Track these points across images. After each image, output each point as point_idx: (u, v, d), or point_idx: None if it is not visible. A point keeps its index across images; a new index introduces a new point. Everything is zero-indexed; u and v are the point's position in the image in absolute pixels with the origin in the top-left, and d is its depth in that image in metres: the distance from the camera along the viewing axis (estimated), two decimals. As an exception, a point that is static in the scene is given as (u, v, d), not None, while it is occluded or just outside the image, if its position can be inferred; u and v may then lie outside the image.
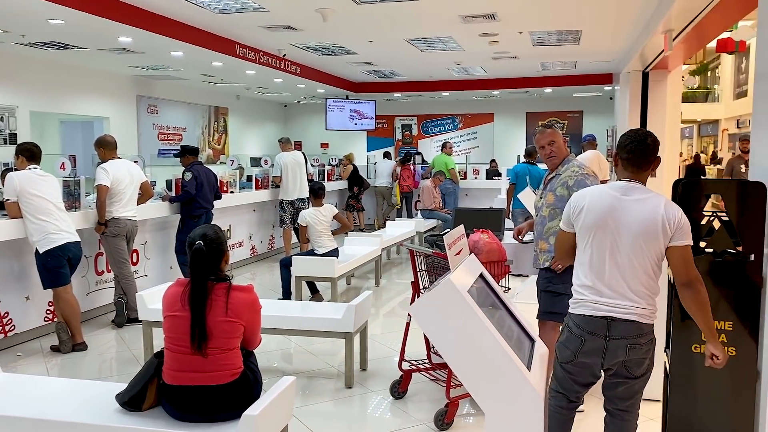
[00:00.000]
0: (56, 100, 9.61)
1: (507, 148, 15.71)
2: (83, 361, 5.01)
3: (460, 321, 1.83)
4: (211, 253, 2.71)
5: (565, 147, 3.87)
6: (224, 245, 2.81)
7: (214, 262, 2.72)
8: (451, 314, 1.84)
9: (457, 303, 1.82)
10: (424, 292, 4.18)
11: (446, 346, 1.86)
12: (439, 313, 1.85)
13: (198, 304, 2.63)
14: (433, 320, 1.87)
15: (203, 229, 2.78)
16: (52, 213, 4.99)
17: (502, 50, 9.59)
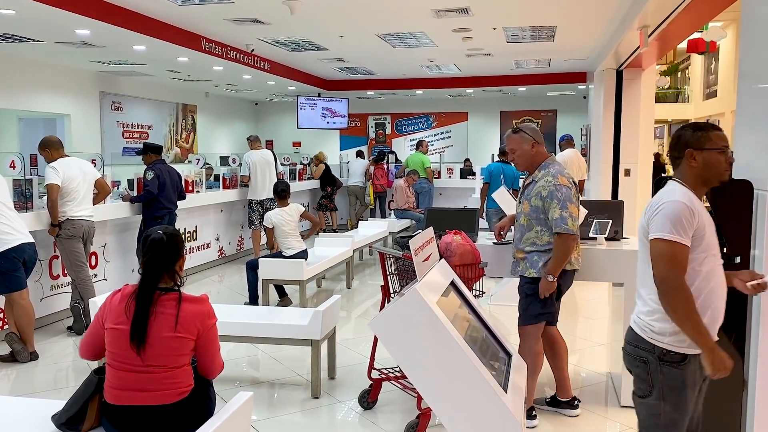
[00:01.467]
0: (14, 96, 9.20)
1: (481, 147, 15.59)
2: (35, 371, 4.71)
3: (428, 337, 1.62)
4: (170, 247, 2.49)
5: (537, 151, 3.70)
6: (182, 246, 2.59)
7: (170, 260, 2.49)
8: (417, 329, 1.63)
9: (424, 317, 1.62)
10: (394, 296, 3.99)
11: (411, 366, 1.65)
12: (404, 328, 1.64)
13: (143, 305, 2.39)
14: (396, 336, 1.66)
15: (161, 226, 2.59)
16: (2, 213, 4.69)
17: (476, 47, 9.43)
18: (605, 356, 5.02)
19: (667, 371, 2.18)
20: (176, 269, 2.53)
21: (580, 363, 4.85)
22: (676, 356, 2.17)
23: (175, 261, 2.52)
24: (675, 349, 2.18)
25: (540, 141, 3.75)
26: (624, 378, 3.94)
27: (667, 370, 2.18)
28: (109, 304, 2.47)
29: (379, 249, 3.90)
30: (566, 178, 3.57)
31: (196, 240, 8.31)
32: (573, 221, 3.48)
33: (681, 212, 2.13)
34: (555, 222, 3.47)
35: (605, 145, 9.98)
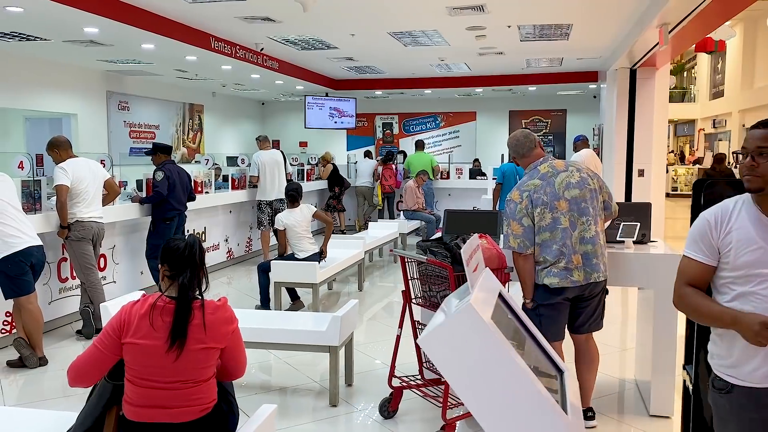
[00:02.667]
0: (20, 95, 9.10)
1: (490, 147, 15.44)
2: (44, 377, 4.59)
3: (483, 356, 1.49)
4: (199, 253, 2.39)
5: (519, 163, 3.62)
6: (204, 255, 2.46)
7: (200, 265, 2.39)
8: (472, 347, 1.50)
9: (480, 334, 1.49)
10: (416, 302, 3.86)
11: (464, 385, 1.52)
12: (457, 345, 1.51)
13: (182, 317, 2.25)
14: (448, 354, 1.52)
15: (184, 236, 2.45)
16: (9, 215, 4.57)
17: (489, 45, 9.30)
18: (629, 362, 4.87)
19: (714, 398, 2.00)
20: (200, 277, 2.40)
21: (603, 369, 4.71)
22: (721, 382, 1.98)
23: (203, 267, 2.42)
24: (719, 374, 1.99)
25: (514, 155, 3.63)
26: (654, 386, 3.81)
27: (714, 397, 2.00)
28: (128, 317, 2.29)
29: (399, 253, 3.76)
30: (519, 192, 3.44)
31: (205, 241, 8.19)
32: (514, 238, 3.40)
33: (696, 225, 2.03)
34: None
35: (618, 145, 9.86)
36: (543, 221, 3.38)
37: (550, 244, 3.38)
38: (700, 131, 23.01)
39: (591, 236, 3.39)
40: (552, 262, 3.38)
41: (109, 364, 2.30)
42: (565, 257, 3.36)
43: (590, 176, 3.50)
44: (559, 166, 3.47)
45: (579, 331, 3.62)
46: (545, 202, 3.37)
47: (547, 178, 3.42)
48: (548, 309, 3.43)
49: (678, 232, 12.36)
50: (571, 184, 3.41)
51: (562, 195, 3.39)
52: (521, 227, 3.39)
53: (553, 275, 3.37)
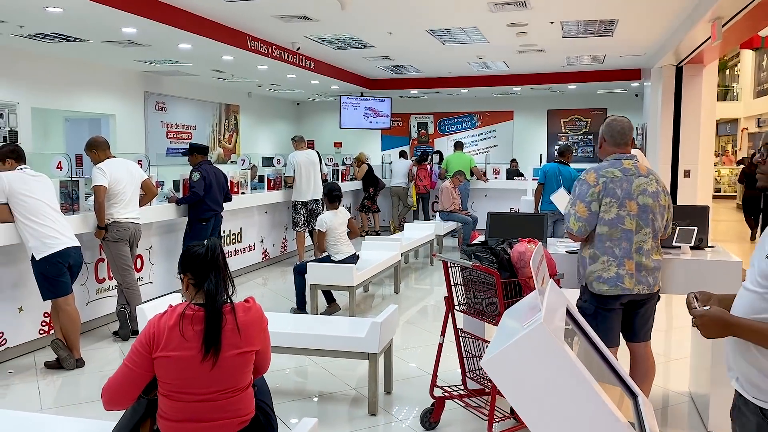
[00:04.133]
0: (60, 96, 9.19)
1: (527, 147, 15.15)
2: (80, 379, 4.56)
3: (556, 380, 1.33)
4: (222, 256, 2.28)
5: (603, 150, 3.43)
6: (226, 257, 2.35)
7: (225, 268, 2.29)
8: (543, 371, 1.34)
9: (552, 356, 1.33)
10: (459, 309, 3.71)
11: (534, 412, 1.36)
12: (526, 369, 1.35)
13: (214, 324, 2.14)
14: (514, 378, 1.37)
15: (208, 240, 2.32)
16: (48, 215, 4.56)
17: (530, 42, 9.07)
18: (678, 373, 4.62)
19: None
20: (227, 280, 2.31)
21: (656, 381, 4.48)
22: None
23: (227, 270, 2.32)
24: None
25: (607, 139, 3.43)
26: (712, 400, 3.58)
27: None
28: (156, 330, 2.17)
29: (442, 257, 3.61)
30: (597, 174, 3.26)
31: (241, 242, 8.15)
32: (576, 220, 3.26)
33: None
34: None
35: (663, 145, 9.53)
36: (607, 214, 3.22)
37: (604, 239, 3.23)
38: (743, 130, 22.33)
39: (647, 249, 3.24)
40: (602, 266, 3.22)
41: (142, 382, 2.19)
42: (617, 260, 3.20)
43: (664, 192, 3.33)
44: (642, 169, 3.30)
45: (635, 339, 3.45)
46: (617, 196, 3.21)
47: (627, 175, 3.24)
48: (601, 313, 3.28)
49: (722, 235, 11.93)
50: (647, 191, 3.24)
51: (635, 197, 3.22)
52: (587, 211, 3.24)
53: (603, 281, 3.22)
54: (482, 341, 3.61)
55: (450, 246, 10.10)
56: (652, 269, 3.26)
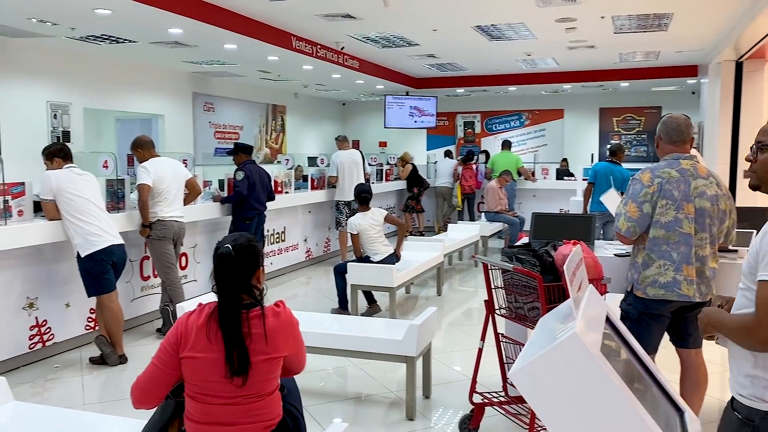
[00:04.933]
0: (111, 97, 9.42)
1: (578, 146, 14.75)
2: (123, 375, 4.62)
3: (591, 396, 1.22)
4: (241, 261, 2.12)
5: (660, 149, 3.26)
6: (259, 257, 2.21)
7: (245, 274, 2.14)
8: (576, 385, 1.23)
9: (586, 369, 1.21)
10: (499, 313, 3.58)
11: (563, 427, 1.25)
12: (557, 382, 1.24)
13: (233, 329, 2.06)
14: (544, 391, 1.26)
15: (233, 236, 2.21)
16: (93, 213, 4.64)
17: (579, 38, 8.81)
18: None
19: None
20: (252, 283, 2.17)
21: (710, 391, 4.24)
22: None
23: (251, 275, 2.17)
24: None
25: (663, 137, 3.24)
26: None
27: None
28: (184, 329, 2.12)
29: (483, 259, 3.49)
30: (652, 174, 3.09)
31: (285, 241, 8.18)
32: (626, 221, 3.11)
33: None
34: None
35: (722, 145, 9.11)
36: (663, 217, 3.05)
37: (660, 243, 3.06)
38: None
39: (703, 255, 3.06)
40: (657, 270, 3.05)
41: (170, 381, 2.15)
42: (674, 264, 3.02)
43: (725, 196, 3.13)
44: (701, 171, 3.12)
45: (685, 345, 3.27)
46: (675, 198, 3.04)
47: (685, 176, 3.07)
48: (645, 319, 3.12)
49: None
50: (705, 194, 3.06)
51: (693, 199, 3.04)
52: (639, 212, 3.09)
53: (659, 286, 3.06)
54: (524, 347, 3.47)
55: (496, 248, 9.92)
56: (708, 278, 3.07)
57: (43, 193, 4.59)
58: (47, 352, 4.89)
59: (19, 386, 4.28)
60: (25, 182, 4.64)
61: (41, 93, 8.18)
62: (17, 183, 4.56)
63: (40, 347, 4.81)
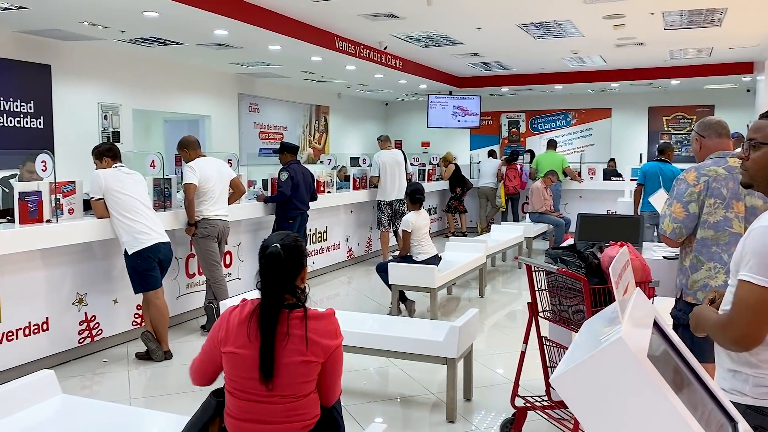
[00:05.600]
0: (159, 98, 9.63)
1: (626, 146, 14.38)
2: (168, 371, 4.71)
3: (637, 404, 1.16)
4: (288, 261, 2.13)
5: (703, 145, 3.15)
6: (304, 257, 2.23)
7: (291, 274, 2.15)
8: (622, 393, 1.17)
9: (632, 376, 1.15)
10: (543, 315, 3.50)
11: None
12: (601, 389, 1.19)
13: (268, 330, 2.07)
14: (588, 399, 1.20)
15: (280, 235, 2.22)
16: (140, 212, 4.74)
17: (628, 35, 8.58)
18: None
19: None
20: (296, 284, 2.18)
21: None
22: None
23: (296, 275, 2.18)
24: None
25: (707, 135, 3.12)
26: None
27: None
28: (227, 324, 2.16)
29: (526, 260, 3.42)
30: (698, 173, 2.97)
31: (327, 241, 8.22)
32: (671, 222, 3.01)
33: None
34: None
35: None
36: (712, 216, 2.93)
37: (709, 244, 2.94)
38: None
39: None
40: (707, 273, 2.93)
41: (215, 368, 2.23)
42: (725, 266, 2.90)
43: None
44: None
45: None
46: (723, 197, 2.92)
47: (733, 173, 2.94)
48: None
49: None
50: (755, 192, 2.93)
51: (743, 197, 2.91)
52: (684, 212, 2.98)
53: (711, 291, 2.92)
54: (567, 351, 3.39)
55: (540, 249, 9.75)
56: None
57: (92, 191, 4.71)
58: (96, 346, 5.02)
59: (68, 379, 4.41)
60: (76, 181, 4.78)
61: (93, 94, 8.42)
62: (68, 182, 4.70)
63: (89, 342, 4.94)
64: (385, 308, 6.21)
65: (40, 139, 7.56)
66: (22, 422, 2.61)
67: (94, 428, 2.66)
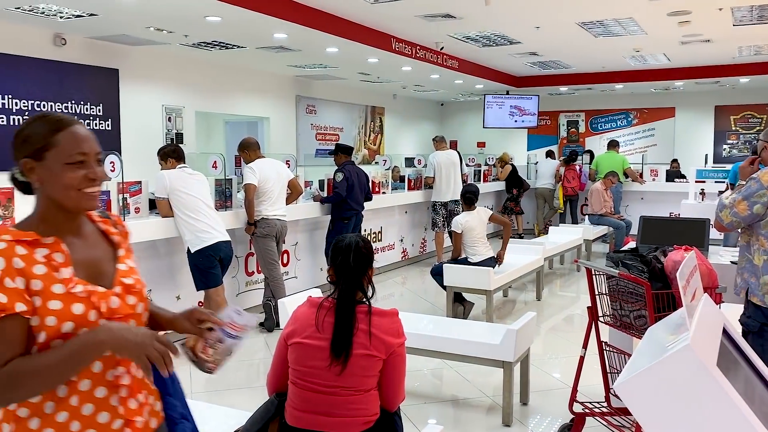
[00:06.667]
0: (220, 100, 9.88)
1: (691, 146, 13.87)
2: (227, 367, 4.80)
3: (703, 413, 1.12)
4: (365, 256, 2.30)
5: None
6: (373, 255, 2.37)
7: (363, 269, 2.30)
8: (688, 401, 1.14)
9: (700, 384, 1.12)
10: (603, 320, 3.42)
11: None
12: (666, 397, 1.16)
13: (345, 318, 2.18)
14: (654, 407, 1.18)
15: (352, 234, 2.39)
16: (202, 211, 4.88)
17: (694, 32, 8.28)
18: None
19: None
20: (364, 281, 2.31)
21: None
22: None
23: (366, 271, 2.31)
24: None
25: None
26: None
27: None
28: (293, 319, 2.28)
29: (586, 264, 3.35)
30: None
31: (381, 241, 8.26)
32: (731, 215, 2.96)
33: None
34: None
35: None
36: None
37: None
38: None
39: None
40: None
41: (287, 369, 2.30)
42: None
43: None
44: None
45: None
46: None
47: None
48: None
49: None
50: None
51: None
52: (747, 211, 2.91)
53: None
54: (629, 356, 3.31)
55: (600, 252, 9.53)
56: None
57: (157, 191, 4.88)
58: (160, 341, 5.18)
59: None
60: (142, 181, 4.96)
61: (157, 97, 8.71)
62: (135, 182, 4.88)
63: (153, 336, 5.11)
64: (439, 309, 6.20)
65: (108, 140, 7.87)
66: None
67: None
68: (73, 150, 1.46)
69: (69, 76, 7.42)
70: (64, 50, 7.34)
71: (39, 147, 1.44)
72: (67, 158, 1.44)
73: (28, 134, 1.46)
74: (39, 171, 1.44)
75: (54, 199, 1.45)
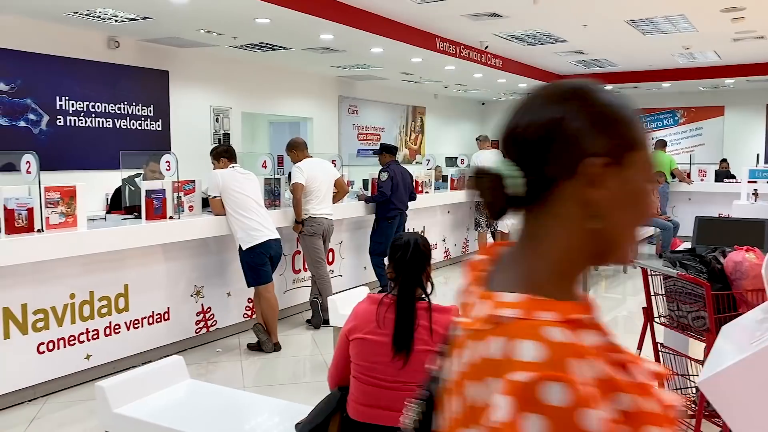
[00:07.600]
0: (265, 101, 10.03)
1: (740, 146, 13.49)
2: (277, 362, 4.91)
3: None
4: (424, 252, 2.34)
5: None
6: (431, 254, 2.41)
7: (422, 266, 2.33)
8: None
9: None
10: (659, 321, 3.37)
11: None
12: (752, 392, 1.15)
13: (406, 313, 2.21)
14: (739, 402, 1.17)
15: (412, 233, 2.45)
16: (254, 210, 4.98)
17: (747, 29, 8.06)
18: None
19: None
20: (423, 278, 2.34)
21: None
22: None
23: (425, 268, 2.34)
24: None
25: None
26: None
27: None
28: (354, 316, 2.33)
29: (644, 264, 3.31)
30: None
31: (424, 241, 8.25)
32: None
33: None
34: None
35: None
36: None
37: None
38: None
39: None
40: None
41: (348, 363, 2.34)
42: None
43: None
44: None
45: None
46: None
47: None
48: None
49: None
50: None
51: None
52: None
53: None
54: (686, 358, 3.26)
55: (646, 253, 9.34)
56: None
57: (210, 190, 4.99)
58: (210, 336, 5.31)
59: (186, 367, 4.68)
60: (195, 180, 5.08)
61: (205, 98, 8.89)
62: (189, 181, 5.00)
63: (204, 332, 5.23)
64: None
65: (159, 140, 8.07)
66: (156, 403, 2.81)
67: (217, 410, 2.83)
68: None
69: (122, 78, 7.64)
70: (118, 52, 7.56)
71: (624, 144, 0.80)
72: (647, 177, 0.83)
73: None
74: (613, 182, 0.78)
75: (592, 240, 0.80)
